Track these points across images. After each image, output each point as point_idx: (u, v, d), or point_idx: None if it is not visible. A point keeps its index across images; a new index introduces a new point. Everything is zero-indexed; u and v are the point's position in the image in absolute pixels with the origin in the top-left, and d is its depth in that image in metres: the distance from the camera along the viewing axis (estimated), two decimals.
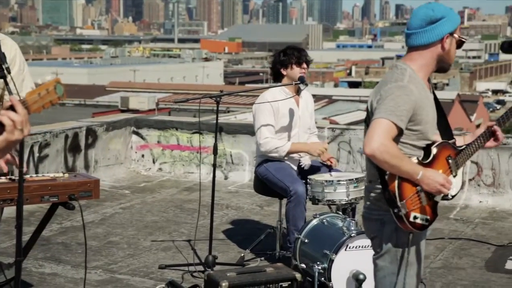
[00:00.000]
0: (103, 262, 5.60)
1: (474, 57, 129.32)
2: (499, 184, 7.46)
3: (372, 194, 3.29)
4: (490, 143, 3.39)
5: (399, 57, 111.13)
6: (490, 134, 3.37)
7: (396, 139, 3.12)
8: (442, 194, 3.17)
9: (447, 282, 5.26)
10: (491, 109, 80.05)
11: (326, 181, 5.12)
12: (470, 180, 7.59)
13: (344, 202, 5.10)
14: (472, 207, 7.46)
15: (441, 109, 3.37)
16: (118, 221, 6.79)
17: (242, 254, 5.63)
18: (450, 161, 3.23)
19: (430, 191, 3.09)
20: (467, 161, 3.42)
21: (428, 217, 3.15)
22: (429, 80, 3.32)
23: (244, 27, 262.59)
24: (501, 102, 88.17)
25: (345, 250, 4.65)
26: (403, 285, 3.27)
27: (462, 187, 7.47)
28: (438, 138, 3.31)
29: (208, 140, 8.46)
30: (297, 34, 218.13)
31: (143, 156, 9.01)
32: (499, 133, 3.36)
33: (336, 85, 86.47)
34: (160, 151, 8.92)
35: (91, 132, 8.38)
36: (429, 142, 3.23)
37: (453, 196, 3.27)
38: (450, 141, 3.32)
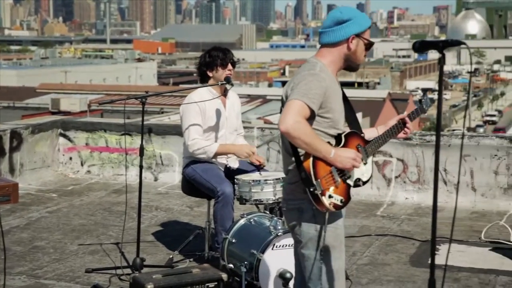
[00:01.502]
0: (28, 268, 5.48)
1: (404, 57, 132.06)
2: (424, 180, 7.64)
3: (288, 184, 3.49)
4: (401, 134, 3.68)
5: None
6: (401, 126, 3.65)
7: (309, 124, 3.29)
8: (355, 178, 3.39)
9: (373, 278, 5.35)
10: (427, 108, 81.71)
11: (253, 180, 5.15)
12: (396, 177, 7.75)
13: (271, 202, 5.13)
14: (398, 203, 7.61)
15: (350, 105, 3.60)
16: (44, 225, 6.66)
17: (171, 256, 5.61)
18: (360, 148, 3.45)
19: (344, 167, 3.29)
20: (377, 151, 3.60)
21: (342, 198, 3.36)
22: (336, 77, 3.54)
23: (178, 27, 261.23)
24: (430, 101, 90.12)
25: (272, 249, 4.69)
26: (332, 267, 3.45)
27: (388, 184, 7.63)
28: (348, 129, 3.55)
29: (137, 141, 8.37)
30: (230, 34, 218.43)
31: (71, 158, 8.87)
32: (409, 125, 3.67)
33: (270, 85, 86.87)
34: (88, 153, 8.79)
35: (16, 135, 8.20)
36: (339, 131, 3.44)
37: (364, 183, 3.49)
38: (361, 135, 3.56)
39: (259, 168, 5.58)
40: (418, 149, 7.61)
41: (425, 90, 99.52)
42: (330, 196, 3.27)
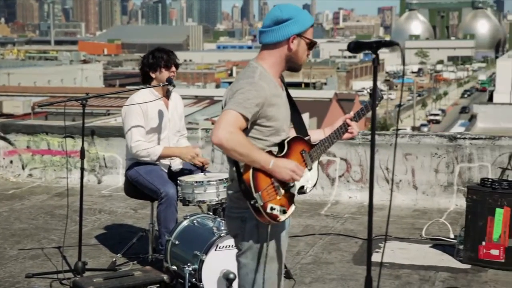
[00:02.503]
0: None
1: (350, 57, 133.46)
2: (367, 179, 7.74)
3: (232, 193, 3.35)
4: (346, 135, 3.55)
5: None
6: (346, 127, 3.53)
7: (247, 134, 3.18)
8: (298, 186, 3.26)
9: (316, 277, 5.39)
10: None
11: (196, 182, 5.13)
12: (340, 176, 7.83)
13: (214, 203, 5.13)
14: (342, 202, 7.69)
15: (295, 106, 3.46)
16: None
17: (114, 259, 5.55)
18: (304, 154, 3.32)
19: (283, 179, 3.15)
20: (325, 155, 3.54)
21: (285, 209, 3.23)
22: (282, 78, 3.42)
23: (123, 28, 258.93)
24: (380, 97, 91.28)
25: (215, 250, 4.68)
26: (264, 281, 3.34)
27: (332, 184, 7.70)
28: (293, 134, 3.41)
29: (80, 144, 8.24)
30: (177, 35, 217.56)
31: (11, 162, 8.71)
32: (352, 127, 3.53)
33: (217, 86, 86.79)
34: (29, 156, 8.65)
35: None
36: (283, 138, 3.31)
37: (309, 190, 3.36)
38: (305, 138, 3.42)
39: (202, 169, 5.56)
40: (361, 149, 7.71)
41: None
42: (272, 208, 3.15)
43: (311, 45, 3.32)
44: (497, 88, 46.90)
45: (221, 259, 4.66)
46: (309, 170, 3.34)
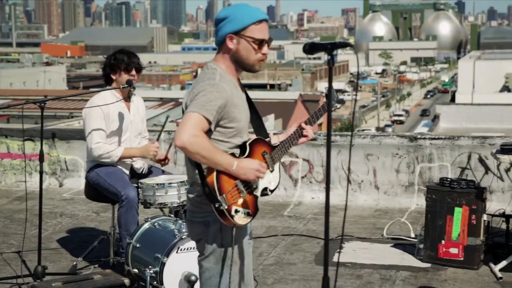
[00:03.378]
0: None
1: (314, 58, 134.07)
2: (330, 180, 7.76)
3: (194, 197, 3.31)
4: (301, 139, 3.55)
5: None
6: (301, 132, 3.52)
7: (209, 136, 3.16)
8: (261, 188, 3.26)
9: (278, 278, 5.41)
10: (332, 108, 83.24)
11: (157, 184, 5.12)
12: (302, 177, 7.87)
13: (176, 205, 5.12)
14: (305, 203, 7.73)
15: (255, 109, 3.45)
16: None
17: (75, 263, 5.50)
18: (266, 156, 3.32)
19: (248, 179, 3.15)
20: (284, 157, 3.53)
21: (250, 211, 3.23)
22: (239, 80, 3.38)
23: (87, 30, 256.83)
24: (341, 101, 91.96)
25: (177, 252, 4.67)
26: (228, 284, 3.32)
27: (295, 185, 7.73)
28: (253, 136, 3.40)
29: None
30: (141, 37, 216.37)
31: None
32: (307, 131, 3.52)
33: (183, 88, 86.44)
34: None
35: None
36: (244, 139, 3.30)
37: (272, 191, 3.36)
38: (266, 139, 3.42)
39: (164, 172, 5.55)
40: (323, 149, 7.75)
41: (336, 91, 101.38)
42: (236, 211, 3.14)
43: (258, 42, 3.22)
44: (459, 89, 47.46)
45: (182, 261, 4.65)
46: (271, 171, 3.34)
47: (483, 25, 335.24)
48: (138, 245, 4.89)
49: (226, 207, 3.10)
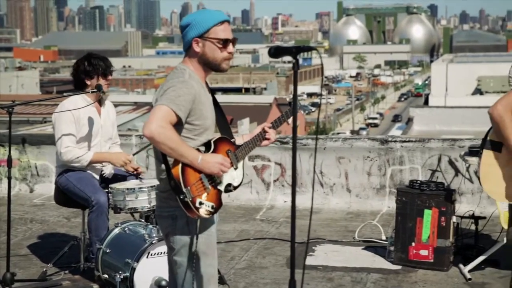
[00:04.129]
0: None
1: (289, 62, 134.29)
2: (301, 183, 7.80)
3: (161, 192, 3.47)
4: (264, 142, 3.69)
5: None
6: (264, 134, 3.67)
7: (178, 131, 3.27)
8: (225, 183, 3.39)
9: (250, 281, 5.40)
10: (306, 112, 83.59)
11: (127, 189, 5.09)
12: (275, 181, 7.88)
13: (146, 209, 5.10)
14: (277, 207, 7.74)
15: (221, 111, 3.60)
16: None
17: (45, 269, 5.45)
18: (229, 153, 3.46)
19: (212, 172, 3.29)
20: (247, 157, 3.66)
21: (214, 204, 3.35)
22: (206, 83, 3.53)
23: (60, 35, 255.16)
24: (316, 105, 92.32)
25: (147, 257, 4.65)
26: (204, 274, 3.46)
27: (267, 189, 7.74)
28: (217, 135, 3.54)
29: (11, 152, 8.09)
30: (115, 41, 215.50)
31: None
32: (269, 134, 3.66)
33: None
34: None
35: None
36: (210, 137, 3.44)
37: (235, 187, 3.49)
38: (231, 140, 3.57)
39: (136, 175, 5.52)
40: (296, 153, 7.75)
41: (310, 94, 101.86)
42: (200, 203, 3.26)
43: (222, 42, 3.39)
44: (432, 92, 47.87)
45: (152, 266, 4.63)
46: (235, 169, 3.48)
47: (455, 28, 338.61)
48: (108, 251, 4.87)
49: (190, 199, 3.22)
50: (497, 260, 5.53)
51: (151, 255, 4.65)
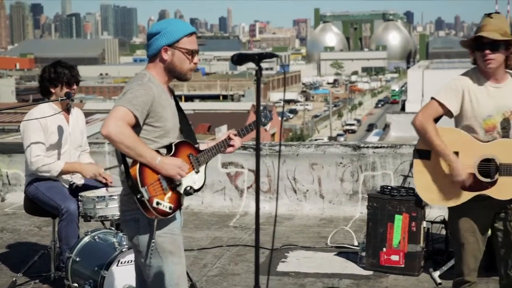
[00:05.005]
0: None
1: (267, 69, 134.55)
2: (275, 190, 7.81)
3: (123, 195, 3.52)
4: (229, 149, 3.76)
5: (195, 70, 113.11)
6: (229, 141, 3.74)
7: (137, 133, 3.33)
8: (185, 186, 3.43)
9: None
10: (285, 118, 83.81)
11: (97, 197, 5.06)
12: (248, 187, 7.88)
13: (117, 217, 5.07)
14: (250, 214, 7.74)
15: (185, 116, 3.65)
16: None
17: (14, 279, 5.40)
18: (191, 157, 3.52)
19: (169, 174, 3.33)
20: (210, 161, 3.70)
21: (172, 205, 3.40)
22: (172, 90, 3.59)
23: (36, 42, 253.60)
24: (293, 111, 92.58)
25: (117, 265, 4.63)
26: (173, 273, 3.50)
27: (241, 195, 7.74)
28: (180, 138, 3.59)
29: None
30: (92, 49, 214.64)
31: None
32: (234, 141, 3.74)
33: None
34: None
35: None
36: (171, 141, 3.48)
37: (196, 191, 3.53)
38: (194, 144, 3.62)
39: (106, 185, 5.49)
40: (268, 159, 7.78)
41: (288, 101, 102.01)
42: (158, 203, 3.32)
43: (191, 53, 3.46)
44: (408, 98, 48.14)
45: (122, 274, 4.61)
46: (196, 172, 3.53)
47: (431, 35, 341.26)
48: (78, 259, 4.84)
49: (147, 198, 3.27)
50: None
51: (121, 263, 4.63)
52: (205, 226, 7.25)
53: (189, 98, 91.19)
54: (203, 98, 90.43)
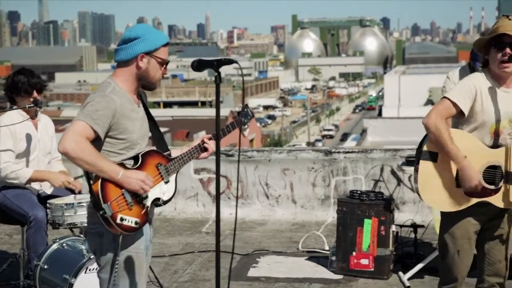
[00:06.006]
0: None
1: (245, 75, 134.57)
2: (247, 195, 7.83)
3: (88, 208, 3.44)
4: (203, 154, 3.64)
5: (174, 76, 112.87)
6: (203, 146, 3.62)
7: (99, 146, 3.26)
8: (152, 198, 3.34)
9: None
10: (263, 124, 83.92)
11: (66, 204, 5.04)
12: (220, 193, 7.87)
13: (85, 225, 5.04)
14: (223, 219, 7.61)
15: (155, 124, 3.54)
16: None
17: None
18: (160, 167, 3.40)
19: (132, 189, 3.23)
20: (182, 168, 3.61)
21: (138, 220, 3.29)
22: (141, 96, 3.49)
23: (14, 50, 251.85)
24: (272, 117, 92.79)
25: (85, 272, 4.61)
26: None
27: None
28: (147, 148, 3.48)
29: None
30: (70, 56, 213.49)
31: None
32: (208, 145, 3.60)
33: None
34: None
35: None
36: (139, 151, 3.38)
37: (165, 202, 3.43)
38: (165, 153, 3.50)
39: (74, 192, 5.47)
40: (241, 165, 7.80)
41: (266, 107, 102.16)
42: (122, 219, 3.22)
43: (164, 63, 3.39)
44: (385, 103, 48.42)
45: (91, 282, 4.58)
46: (166, 183, 3.42)
47: (407, 40, 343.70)
48: (46, 267, 4.82)
49: (110, 215, 3.18)
50: (435, 268, 5.61)
51: (89, 270, 4.61)
52: (178, 232, 7.25)
53: (168, 105, 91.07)
54: (182, 104, 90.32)
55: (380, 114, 48.04)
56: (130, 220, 3.25)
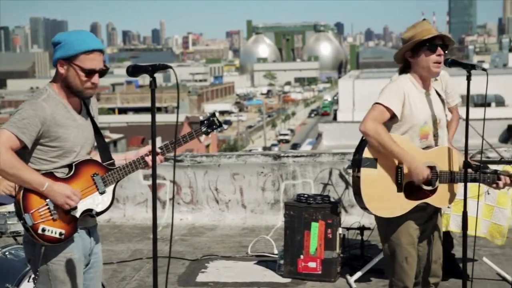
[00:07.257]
0: None
1: (200, 80, 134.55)
2: (197, 200, 7.82)
3: None
4: (145, 167, 3.51)
5: (128, 82, 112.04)
6: (144, 160, 3.48)
7: (29, 154, 3.20)
8: (82, 210, 3.25)
9: None
10: (219, 129, 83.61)
11: (9, 212, 4.98)
12: (170, 199, 7.86)
13: None
14: (173, 225, 7.70)
15: (99, 131, 3.44)
16: None
17: None
18: (95, 178, 3.31)
19: (56, 203, 3.16)
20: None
21: (63, 231, 3.21)
22: (85, 103, 3.39)
23: None
24: (228, 122, 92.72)
25: (28, 281, 4.54)
26: None
27: (163, 207, 7.69)
28: (95, 157, 3.40)
29: None
30: (22, 62, 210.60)
31: None
32: (148, 160, 3.48)
33: None
34: None
35: None
36: (75, 160, 3.28)
37: (98, 213, 3.33)
38: (107, 162, 3.40)
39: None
40: (190, 170, 7.78)
41: (222, 112, 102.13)
42: (43, 229, 3.15)
43: (87, 72, 3.21)
44: (340, 107, 48.81)
45: None
46: (101, 193, 3.33)
47: (361, 45, 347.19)
48: None
49: (30, 225, 3.13)
50: (382, 269, 5.67)
51: (32, 278, 4.55)
52: (127, 239, 7.20)
53: (123, 111, 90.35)
54: (137, 110, 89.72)
55: (335, 118, 48.41)
56: (54, 231, 3.19)
